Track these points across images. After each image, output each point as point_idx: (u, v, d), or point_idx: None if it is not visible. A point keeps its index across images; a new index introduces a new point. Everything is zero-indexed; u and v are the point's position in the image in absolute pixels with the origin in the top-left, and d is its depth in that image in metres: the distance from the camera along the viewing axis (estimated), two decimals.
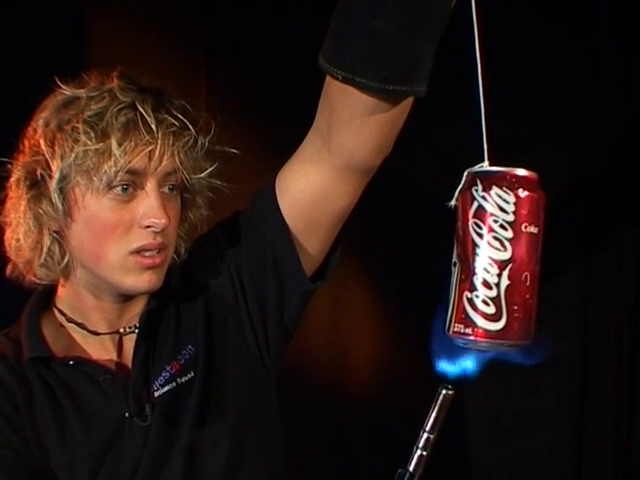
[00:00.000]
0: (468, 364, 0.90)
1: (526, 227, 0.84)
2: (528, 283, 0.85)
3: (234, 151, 1.20)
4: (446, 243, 0.94)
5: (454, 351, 0.90)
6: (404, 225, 1.92)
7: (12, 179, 1.14)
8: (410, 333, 1.97)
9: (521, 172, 0.86)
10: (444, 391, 0.90)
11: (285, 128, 1.52)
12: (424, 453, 0.91)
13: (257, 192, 1.23)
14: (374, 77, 0.95)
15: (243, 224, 1.24)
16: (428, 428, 0.91)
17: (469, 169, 0.88)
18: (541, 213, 0.86)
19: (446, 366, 0.90)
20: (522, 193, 0.84)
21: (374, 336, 2.04)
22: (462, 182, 0.89)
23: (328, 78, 1.02)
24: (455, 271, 0.87)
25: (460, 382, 0.90)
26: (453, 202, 0.89)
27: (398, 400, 1.96)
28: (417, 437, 0.91)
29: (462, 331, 0.85)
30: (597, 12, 1.86)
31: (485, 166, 0.87)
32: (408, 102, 1.04)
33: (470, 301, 0.85)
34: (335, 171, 1.13)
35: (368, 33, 0.93)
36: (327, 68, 0.97)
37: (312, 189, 1.16)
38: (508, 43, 1.78)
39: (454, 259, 0.88)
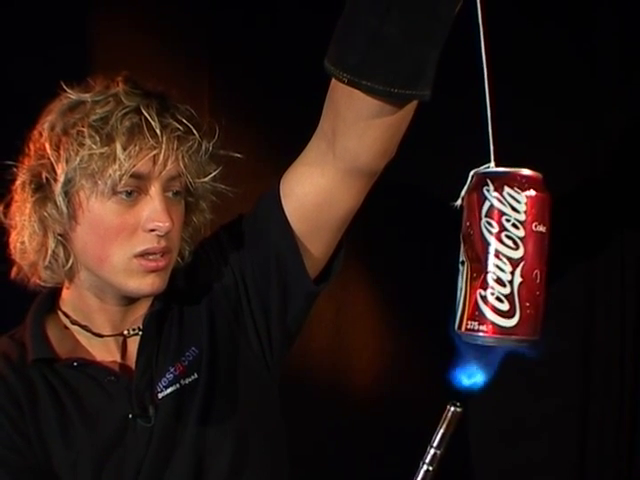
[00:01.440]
0: (478, 379, 0.91)
1: (536, 226, 0.86)
2: (538, 280, 0.87)
3: (238, 155, 1.21)
4: (449, 246, 0.95)
5: (467, 367, 0.91)
6: (407, 228, 1.93)
7: (17, 182, 1.15)
8: (413, 336, 1.98)
9: (530, 173, 0.88)
10: (452, 408, 0.91)
11: (288, 131, 1.52)
12: (430, 468, 0.91)
13: (261, 195, 1.24)
14: (379, 80, 0.96)
15: (247, 227, 1.25)
16: (435, 444, 0.91)
17: (475, 170, 0.90)
18: (548, 213, 0.88)
19: (458, 382, 0.91)
20: (532, 193, 0.86)
21: (377, 339, 2.04)
22: (468, 182, 0.90)
23: (333, 81, 1.03)
24: (464, 270, 0.88)
25: (469, 398, 0.91)
26: (459, 202, 0.90)
27: (401, 403, 1.96)
28: (424, 452, 0.92)
29: (475, 328, 0.86)
30: (598, 15, 1.86)
31: (492, 167, 0.89)
32: (412, 106, 1.04)
33: (484, 298, 0.86)
34: (339, 174, 1.14)
35: (373, 37, 0.94)
36: (333, 71, 0.98)
37: (316, 192, 1.17)
38: (508, 47, 1.79)
39: (462, 258, 0.89)
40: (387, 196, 1.43)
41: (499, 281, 0.85)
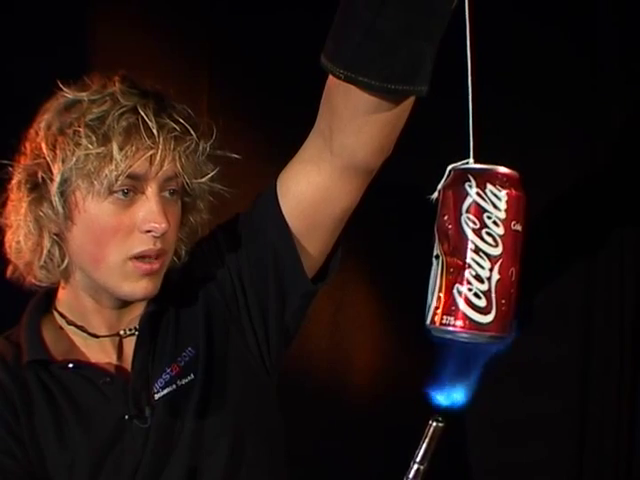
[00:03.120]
0: (458, 395, 0.91)
1: (514, 225, 0.87)
2: (513, 278, 0.87)
3: (235, 156, 1.20)
4: None
5: (446, 383, 0.91)
6: (406, 228, 1.92)
7: (13, 181, 1.14)
8: (411, 336, 1.97)
9: (510, 171, 0.88)
10: (434, 423, 0.91)
11: (287, 131, 1.51)
12: None
13: (258, 194, 1.23)
14: (376, 76, 0.95)
15: (244, 226, 1.25)
16: (418, 459, 0.91)
17: (453, 165, 0.90)
18: (524, 212, 0.88)
19: (438, 398, 0.91)
20: (512, 191, 0.87)
21: (375, 339, 2.03)
22: (445, 177, 0.90)
23: (330, 78, 1.02)
24: (439, 264, 0.88)
25: (451, 414, 0.91)
26: (435, 195, 0.90)
27: (399, 402, 1.95)
28: (408, 468, 0.92)
29: (451, 323, 0.86)
30: (596, 14, 1.86)
31: (471, 163, 0.89)
32: (409, 102, 1.04)
33: (461, 293, 0.86)
34: (336, 172, 1.13)
35: (370, 33, 0.93)
36: (329, 67, 0.97)
37: (313, 190, 1.16)
38: (505, 45, 1.78)
39: (436, 252, 0.89)
40: (385, 195, 1.43)
41: (478, 277, 0.86)
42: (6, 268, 1.19)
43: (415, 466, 0.91)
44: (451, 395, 0.91)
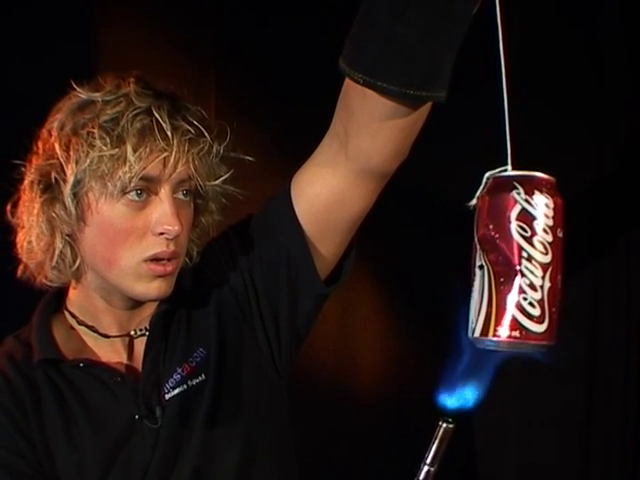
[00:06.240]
0: (468, 397, 0.90)
1: (559, 231, 0.86)
2: (559, 286, 0.86)
3: (249, 158, 1.20)
4: (455, 248, 0.94)
5: (456, 384, 0.90)
6: (413, 230, 1.92)
7: (26, 181, 1.14)
8: (418, 337, 1.98)
9: (550, 177, 0.87)
10: (444, 425, 0.91)
11: (296, 133, 1.52)
12: None
13: (271, 195, 1.23)
14: (395, 81, 0.95)
15: (257, 227, 1.25)
16: (429, 461, 0.91)
17: (491, 172, 0.89)
18: (564, 218, 0.87)
19: (447, 399, 0.91)
20: (557, 198, 0.86)
21: (382, 341, 2.04)
22: (483, 185, 0.89)
23: (347, 81, 1.02)
24: (485, 274, 0.86)
25: (460, 415, 0.90)
26: (474, 202, 0.89)
27: (405, 404, 1.96)
28: (417, 469, 0.92)
29: (505, 333, 0.84)
30: (605, 20, 1.87)
31: (509, 170, 0.88)
32: (426, 107, 1.04)
33: (515, 303, 0.84)
34: (351, 175, 1.13)
35: (390, 38, 0.93)
36: (348, 71, 0.97)
37: (328, 193, 1.16)
38: (514, 50, 1.78)
39: (480, 262, 0.87)
40: (393, 197, 1.43)
41: (531, 286, 0.84)
42: (17, 268, 1.18)
43: (425, 468, 0.91)
44: (460, 397, 0.91)
